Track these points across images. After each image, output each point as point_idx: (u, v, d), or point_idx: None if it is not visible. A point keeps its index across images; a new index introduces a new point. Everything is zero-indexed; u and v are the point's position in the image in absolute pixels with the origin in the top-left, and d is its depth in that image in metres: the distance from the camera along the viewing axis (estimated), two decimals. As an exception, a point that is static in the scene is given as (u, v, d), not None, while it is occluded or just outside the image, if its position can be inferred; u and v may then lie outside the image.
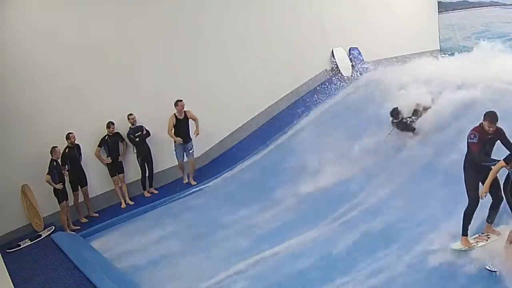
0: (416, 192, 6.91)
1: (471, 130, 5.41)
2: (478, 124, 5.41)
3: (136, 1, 9.18)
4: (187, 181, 9.46)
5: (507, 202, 5.12)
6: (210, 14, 9.99)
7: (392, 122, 8.05)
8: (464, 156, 5.56)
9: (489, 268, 5.09)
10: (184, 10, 9.67)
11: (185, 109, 9.09)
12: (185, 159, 9.39)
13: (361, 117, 9.36)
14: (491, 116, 5.28)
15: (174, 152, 9.25)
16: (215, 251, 6.92)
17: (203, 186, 9.18)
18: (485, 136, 5.30)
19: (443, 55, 11.99)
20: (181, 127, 9.12)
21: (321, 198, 7.81)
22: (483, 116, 5.36)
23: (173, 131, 9.08)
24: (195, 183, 9.38)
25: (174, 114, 9.08)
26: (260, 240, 6.97)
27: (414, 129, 7.85)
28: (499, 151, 5.44)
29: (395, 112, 7.97)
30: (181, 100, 9.02)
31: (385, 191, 7.37)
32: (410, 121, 7.85)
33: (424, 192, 6.81)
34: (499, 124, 5.34)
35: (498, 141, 5.42)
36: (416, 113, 7.87)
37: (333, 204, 7.45)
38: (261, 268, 6.32)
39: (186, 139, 9.21)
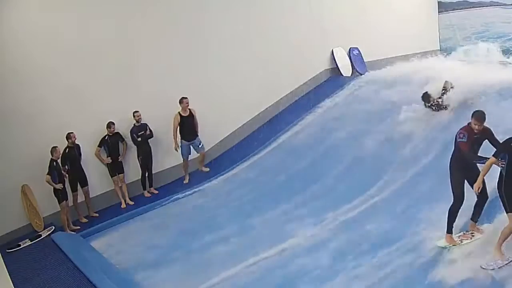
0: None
1: (460, 129, 5.51)
2: (466, 124, 5.50)
3: (136, 1, 9.19)
4: (187, 181, 9.46)
5: (501, 198, 5.14)
6: (210, 15, 9.99)
7: (425, 106, 8.23)
8: (451, 154, 5.66)
9: (484, 267, 5.10)
10: (184, 10, 9.67)
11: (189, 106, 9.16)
12: (190, 157, 9.45)
13: (362, 116, 9.39)
14: (478, 115, 5.38)
15: (180, 150, 9.26)
16: (216, 251, 6.90)
17: (204, 186, 9.16)
18: (472, 136, 5.39)
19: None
20: (186, 124, 9.16)
21: (320, 198, 7.81)
22: (471, 116, 5.45)
23: (178, 129, 9.11)
24: (208, 169, 9.62)
25: (179, 112, 9.10)
26: (260, 240, 6.95)
27: (447, 106, 8.01)
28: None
29: (425, 97, 8.19)
30: (185, 98, 9.05)
31: (386, 193, 7.39)
32: (442, 101, 8.06)
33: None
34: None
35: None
36: (445, 90, 8.10)
37: (333, 206, 7.46)
38: (261, 268, 6.31)
39: (192, 136, 9.26)
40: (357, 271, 5.85)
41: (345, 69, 12.10)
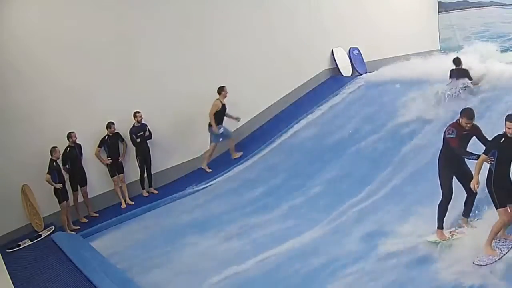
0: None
1: (448, 126, 5.63)
2: (454, 121, 5.62)
3: (137, 1, 9.19)
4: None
5: (490, 195, 5.22)
6: (209, 15, 9.99)
7: (452, 71, 8.38)
8: (440, 151, 5.75)
9: (477, 263, 5.17)
10: (185, 10, 9.67)
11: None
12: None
13: (362, 115, 9.40)
14: (468, 113, 5.47)
15: (214, 134, 9.49)
16: (216, 251, 6.90)
17: (205, 186, 9.17)
18: (461, 132, 5.48)
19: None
20: (222, 112, 9.49)
21: (321, 197, 7.82)
22: (459, 113, 5.54)
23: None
24: (211, 170, 9.62)
25: (219, 99, 9.36)
26: (261, 239, 6.96)
27: (472, 79, 8.22)
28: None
29: (457, 60, 8.41)
30: (224, 86, 9.35)
31: (387, 189, 7.40)
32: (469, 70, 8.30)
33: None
34: None
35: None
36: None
37: (333, 205, 7.46)
38: (261, 268, 6.30)
39: (222, 124, 9.57)
40: (357, 267, 5.87)
41: (345, 69, 12.10)
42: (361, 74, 11.64)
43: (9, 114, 7.82)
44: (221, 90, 9.43)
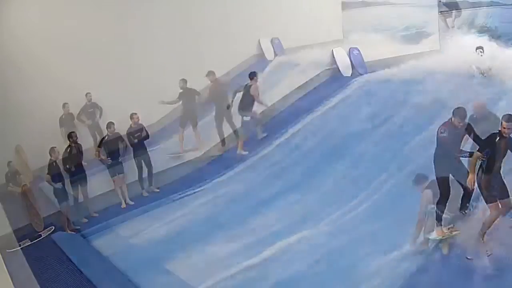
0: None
1: (441, 125, 5.71)
2: (447, 120, 5.69)
3: (137, 0, 9.21)
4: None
5: (480, 190, 5.34)
6: (208, 13, 9.99)
7: None
8: (434, 151, 5.79)
9: (470, 258, 5.32)
10: (184, 10, 9.67)
11: None
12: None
13: (362, 115, 9.39)
14: (460, 113, 5.56)
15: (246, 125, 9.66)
16: (215, 251, 6.90)
17: (204, 186, 9.16)
18: (453, 131, 5.56)
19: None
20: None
21: (321, 198, 7.81)
22: (452, 112, 5.61)
23: None
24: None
25: (253, 84, 9.47)
26: (261, 239, 6.96)
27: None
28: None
29: (479, 49, 9.10)
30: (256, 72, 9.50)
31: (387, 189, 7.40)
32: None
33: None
34: None
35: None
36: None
37: (334, 205, 7.46)
38: (262, 269, 6.32)
39: None
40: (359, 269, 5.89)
41: (345, 69, 12.08)
42: (361, 74, 11.62)
43: (10, 113, 7.83)
44: (254, 75, 9.49)
